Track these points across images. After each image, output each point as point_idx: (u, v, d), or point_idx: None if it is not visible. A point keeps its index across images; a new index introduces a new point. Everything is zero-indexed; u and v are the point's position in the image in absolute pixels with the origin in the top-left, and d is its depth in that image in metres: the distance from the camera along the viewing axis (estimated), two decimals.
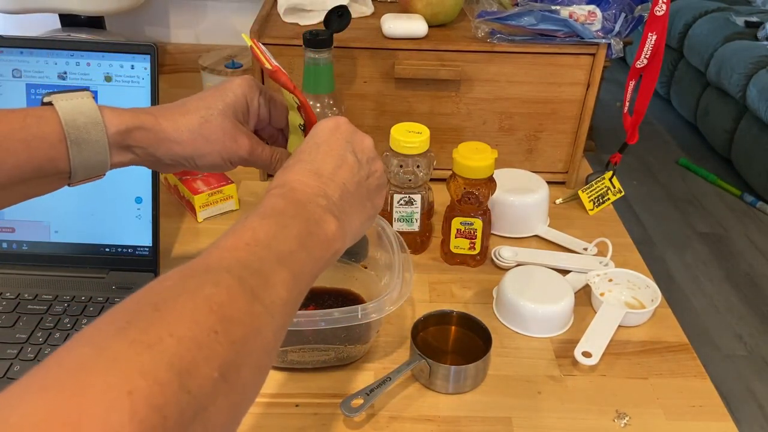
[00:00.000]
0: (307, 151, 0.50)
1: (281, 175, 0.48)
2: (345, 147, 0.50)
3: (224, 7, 1.14)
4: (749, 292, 2.27)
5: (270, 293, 0.38)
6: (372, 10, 0.97)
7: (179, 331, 0.31)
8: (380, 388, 0.61)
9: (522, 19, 0.86)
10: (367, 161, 0.52)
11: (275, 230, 0.41)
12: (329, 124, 0.52)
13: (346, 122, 0.53)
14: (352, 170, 0.50)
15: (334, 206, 0.47)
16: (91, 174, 0.53)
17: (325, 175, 0.48)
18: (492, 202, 0.82)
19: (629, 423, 0.62)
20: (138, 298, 0.33)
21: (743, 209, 2.74)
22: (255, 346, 0.35)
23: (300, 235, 0.42)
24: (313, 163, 0.48)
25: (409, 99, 0.91)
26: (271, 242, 0.40)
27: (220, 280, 0.35)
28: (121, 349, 0.29)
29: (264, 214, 0.43)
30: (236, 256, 0.38)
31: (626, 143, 0.96)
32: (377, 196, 0.53)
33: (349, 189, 0.49)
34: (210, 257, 0.38)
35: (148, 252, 0.75)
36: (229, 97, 0.57)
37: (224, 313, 0.34)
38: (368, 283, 0.72)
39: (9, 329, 0.67)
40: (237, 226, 0.41)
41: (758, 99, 2.68)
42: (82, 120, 0.50)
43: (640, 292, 0.77)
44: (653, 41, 0.85)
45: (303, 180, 0.47)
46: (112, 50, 0.72)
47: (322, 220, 0.45)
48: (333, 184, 0.48)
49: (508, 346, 0.70)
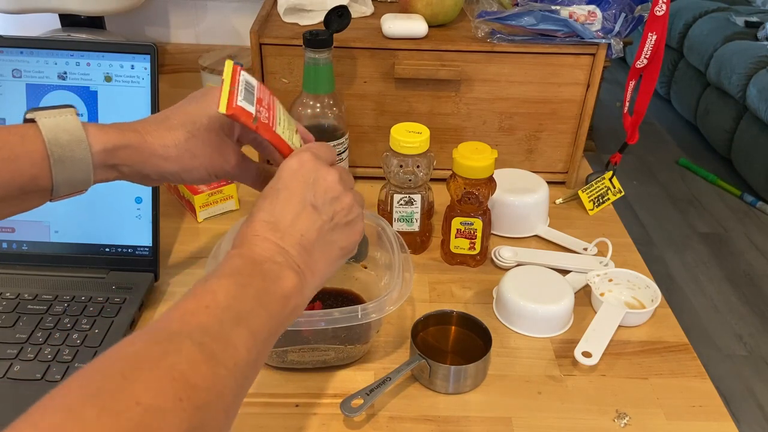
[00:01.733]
0: (269, 197, 0.50)
1: (243, 229, 0.49)
2: (305, 190, 0.50)
3: (224, 7, 1.14)
4: (749, 292, 2.27)
5: (231, 355, 0.39)
6: (372, 10, 0.97)
7: (145, 400, 0.33)
8: (380, 388, 0.61)
9: (522, 19, 0.86)
10: (330, 201, 0.50)
11: (234, 290, 0.43)
12: (292, 165, 0.51)
13: (310, 159, 0.51)
14: (312, 217, 0.50)
15: (292, 260, 0.48)
16: (74, 191, 0.52)
17: (283, 227, 0.48)
18: (492, 202, 0.82)
19: (629, 423, 0.62)
20: (106, 363, 0.35)
21: (743, 209, 2.74)
22: (218, 409, 0.37)
23: (258, 294, 0.44)
24: (272, 213, 0.49)
25: (409, 99, 0.91)
26: (231, 303, 0.42)
27: (182, 347, 0.37)
28: (91, 416, 0.31)
29: (224, 274, 0.44)
30: (197, 321, 0.40)
31: (626, 143, 0.96)
32: (346, 235, 0.52)
33: (309, 239, 0.49)
34: (172, 322, 0.40)
35: (148, 252, 0.75)
36: (212, 110, 0.55)
37: (187, 380, 0.35)
38: (368, 283, 0.72)
39: (9, 329, 0.67)
40: (198, 288, 0.43)
41: (758, 99, 2.68)
42: (66, 138, 0.49)
43: (640, 292, 0.77)
44: (653, 41, 0.85)
45: (261, 235, 0.48)
46: (112, 50, 0.72)
47: (279, 278, 0.46)
48: (291, 238, 0.48)
49: (508, 346, 0.70)
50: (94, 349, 0.65)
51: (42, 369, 0.63)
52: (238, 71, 0.54)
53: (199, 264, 0.80)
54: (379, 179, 0.88)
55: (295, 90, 0.88)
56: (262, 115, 0.53)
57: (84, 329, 0.67)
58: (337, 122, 0.84)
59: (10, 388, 0.61)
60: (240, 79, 0.53)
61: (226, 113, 0.50)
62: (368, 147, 0.95)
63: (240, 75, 0.54)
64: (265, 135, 0.53)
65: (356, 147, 0.94)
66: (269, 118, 0.54)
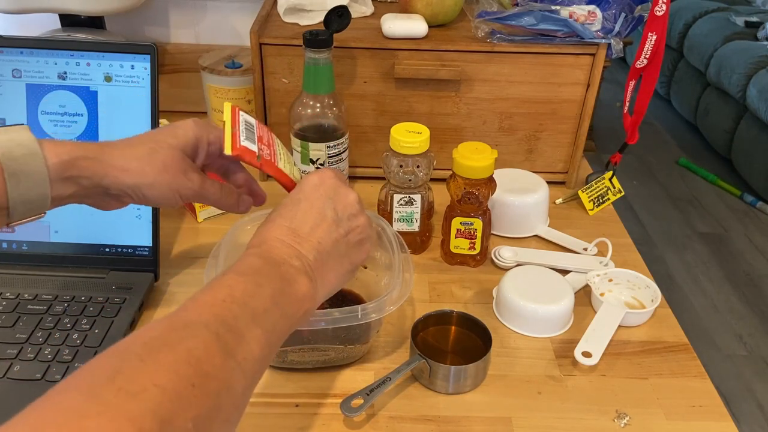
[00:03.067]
0: (289, 206, 0.51)
1: (261, 231, 0.50)
2: (326, 204, 0.51)
3: (224, 7, 1.14)
4: (749, 292, 2.27)
5: (243, 350, 0.40)
6: (372, 10, 0.97)
7: (161, 382, 0.33)
8: (380, 388, 0.61)
9: (522, 19, 0.86)
10: (348, 218, 0.52)
11: (251, 288, 0.43)
12: (314, 180, 0.53)
13: (332, 176, 0.53)
14: (330, 228, 0.51)
15: (308, 267, 0.49)
16: (31, 211, 0.51)
17: (302, 234, 0.49)
18: (492, 202, 0.82)
19: (629, 423, 0.62)
20: (125, 347, 0.36)
21: (743, 209, 2.74)
22: (226, 401, 0.37)
23: (274, 294, 0.44)
24: (292, 220, 0.50)
25: (409, 99, 0.91)
26: (247, 300, 0.42)
27: (198, 334, 0.38)
28: (109, 396, 0.32)
29: (241, 271, 0.45)
30: (214, 312, 0.40)
31: (626, 143, 0.96)
32: (357, 252, 0.54)
33: (325, 248, 0.50)
34: (189, 312, 0.40)
35: (148, 252, 0.75)
36: (179, 135, 0.56)
37: (201, 367, 0.36)
38: (368, 283, 0.72)
39: (9, 329, 0.67)
40: (215, 282, 0.43)
41: (758, 99, 2.68)
42: (20, 151, 0.48)
43: (640, 292, 0.77)
44: (653, 41, 0.85)
45: (280, 238, 0.49)
46: (112, 50, 0.72)
47: (295, 281, 0.47)
48: (308, 244, 0.49)
49: (508, 346, 0.70)
50: (94, 349, 0.65)
51: (42, 369, 0.63)
52: (237, 112, 0.56)
53: (199, 264, 0.80)
54: (379, 179, 0.88)
55: (295, 90, 0.88)
56: (264, 153, 0.55)
57: (84, 329, 0.67)
58: (337, 122, 0.84)
59: (10, 388, 0.61)
60: (240, 119, 0.55)
61: (232, 154, 0.52)
62: (368, 147, 0.95)
63: (239, 116, 0.56)
64: (269, 170, 0.55)
65: (356, 147, 0.94)
66: (271, 155, 0.56)
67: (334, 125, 0.84)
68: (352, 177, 0.96)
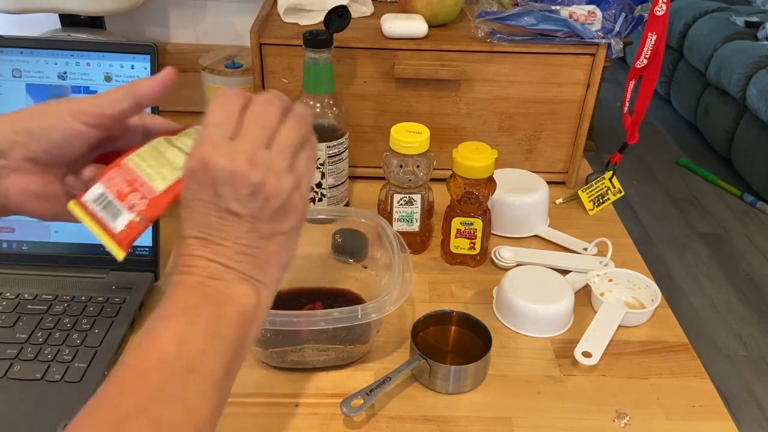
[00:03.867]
0: (186, 209, 0.44)
1: (178, 248, 0.45)
2: (215, 195, 0.43)
3: (224, 7, 1.14)
4: (749, 292, 2.27)
5: (190, 413, 0.38)
6: (372, 10, 0.97)
7: None
8: (380, 388, 0.61)
9: (522, 19, 0.86)
10: (248, 197, 0.42)
11: (182, 330, 0.40)
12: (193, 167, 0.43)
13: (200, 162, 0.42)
14: (234, 224, 0.43)
15: (238, 272, 0.43)
16: None
17: (214, 241, 0.43)
18: (492, 202, 0.82)
19: (629, 423, 0.62)
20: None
21: (743, 209, 2.74)
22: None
23: (208, 326, 0.41)
24: (196, 227, 0.44)
25: (409, 99, 0.91)
26: (180, 349, 0.39)
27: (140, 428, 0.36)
28: None
29: (168, 314, 0.41)
30: (148, 386, 0.38)
31: (626, 143, 0.96)
32: (281, 221, 0.45)
33: (244, 243, 0.44)
34: (123, 395, 0.38)
35: (148, 252, 0.75)
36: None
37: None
38: (368, 283, 0.72)
39: (9, 329, 0.67)
40: (147, 336, 0.40)
41: (758, 99, 2.68)
42: None
43: (640, 292, 0.77)
44: (653, 41, 0.85)
45: (195, 253, 0.43)
46: (112, 50, 0.72)
47: (229, 297, 0.42)
48: (226, 250, 0.43)
49: (508, 346, 0.70)
50: (94, 349, 0.65)
51: (42, 369, 0.63)
52: (84, 204, 0.48)
53: None
54: (379, 179, 0.88)
55: (295, 90, 0.88)
56: (138, 206, 0.46)
57: (84, 329, 0.67)
58: (337, 122, 0.84)
59: (10, 388, 0.61)
60: (92, 209, 0.47)
61: (125, 253, 0.46)
62: (368, 147, 0.95)
63: (89, 206, 0.47)
64: (160, 210, 0.46)
65: (356, 147, 0.94)
66: (144, 195, 0.47)
67: (334, 125, 0.84)
68: (352, 177, 0.96)
